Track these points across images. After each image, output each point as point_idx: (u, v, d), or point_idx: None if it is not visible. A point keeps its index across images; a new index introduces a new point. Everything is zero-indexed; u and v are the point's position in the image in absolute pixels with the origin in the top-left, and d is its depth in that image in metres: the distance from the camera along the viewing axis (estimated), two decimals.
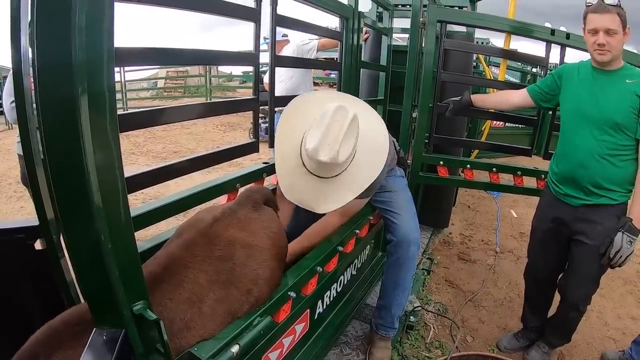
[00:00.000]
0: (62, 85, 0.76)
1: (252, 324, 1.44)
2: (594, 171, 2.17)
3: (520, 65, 8.49)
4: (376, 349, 2.48)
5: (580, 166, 2.21)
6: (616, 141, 2.12)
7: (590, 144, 2.16)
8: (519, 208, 5.50)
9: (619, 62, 2.16)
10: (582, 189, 2.23)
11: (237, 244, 1.56)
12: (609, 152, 2.13)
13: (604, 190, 2.18)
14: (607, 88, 2.15)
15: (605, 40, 2.05)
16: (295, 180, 1.84)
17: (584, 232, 2.26)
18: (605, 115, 2.12)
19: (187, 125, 10.44)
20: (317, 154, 1.67)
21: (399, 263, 2.31)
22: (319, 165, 1.71)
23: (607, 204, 2.19)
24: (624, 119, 2.09)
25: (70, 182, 0.83)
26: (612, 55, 2.08)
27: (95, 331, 0.97)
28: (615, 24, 2.02)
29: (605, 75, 2.17)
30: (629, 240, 2.10)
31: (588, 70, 2.24)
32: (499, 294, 3.44)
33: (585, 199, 2.23)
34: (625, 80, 2.11)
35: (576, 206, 2.27)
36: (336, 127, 1.69)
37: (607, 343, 2.91)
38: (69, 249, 0.94)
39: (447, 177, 3.26)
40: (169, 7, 1.64)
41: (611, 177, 2.16)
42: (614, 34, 2.04)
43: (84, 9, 0.74)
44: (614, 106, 2.11)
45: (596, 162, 2.16)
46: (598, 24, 2.05)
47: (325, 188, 1.81)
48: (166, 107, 1.73)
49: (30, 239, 1.64)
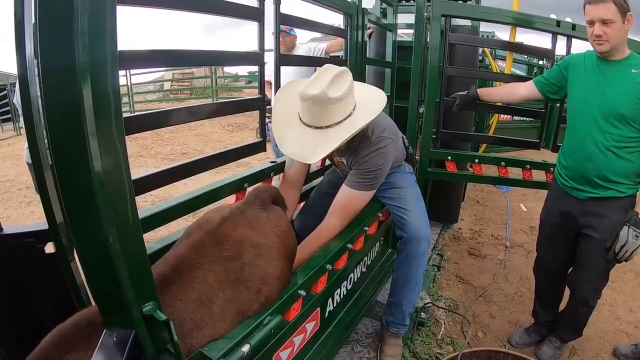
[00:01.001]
0: (66, 89, 0.77)
1: (263, 323, 1.44)
2: (600, 164, 2.14)
3: (527, 58, 8.42)
4: (387, 345, 2.48)
5: (586, 159, 2.18)
6: (622, 133, 2.08)
7: (596, 136, 2.13)
8: (529, 202, 5.46)
9: (624, 52, 2.11)
10: (588, 181, 2.20)
11: (245, 244, 1.56)
12: (615, 144, 2.10)
13: (611, 182, 2.15)
14: (612, 79, 2.11)
15: (601, 30, 2.01)
16: (290, 133, 1.91)
17: (591, 225, 2.24)
18: (611, 106, 2.08)
19: (194, 126, 10.47)
20: (307, 89, 1.77)
21: (409, 260, 2.30)
22: (311, 104, 1.79)
23: (614, 197, 2.16)
24: (629, 110, 2.04)
25: (77, 186, 0.84)
26: (611, 45, 2.04)
27: (106, 332, 0.97)
28: (610, 14, 1.97)
29: (610, 65, 2.13)
30: (635, 235, 2.07)
31: (593, 61, 2.20)
32: (509, 289, 3.42)
33: (592, 191, 2.20)
34: (631, 70, 2.06)
35: (583, 199, 2.25)
36: (326, 74, 1.82)
37: (619, 337, 2.88)
38: (78, 252, 0.94)
39: (456, 172, 3.25)
40: (171, 8, 1.64)
41: (618, 169, 2.12)
42: (610, 24, 1.99)
43: (86, 12, 0.74)
44: (619, 97, 2.07)
45: (602, 154, 2.13)
46: (593, 14, 2.02)
47: (317, 139, 1.84)
48: (172, 108, 1.73)
49: (40, 242, 1.66)
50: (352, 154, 2.12)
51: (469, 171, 3.36)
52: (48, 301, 1.72)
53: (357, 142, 2.08)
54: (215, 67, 13.72)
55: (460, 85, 3.06)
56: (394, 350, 2.48)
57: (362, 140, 2.08)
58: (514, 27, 2.98)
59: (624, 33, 2.04)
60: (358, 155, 2.09)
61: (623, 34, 2.04)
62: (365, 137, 2.07)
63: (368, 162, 2.07)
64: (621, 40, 2.06)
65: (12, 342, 1.70)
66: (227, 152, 2.08)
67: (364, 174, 2.09)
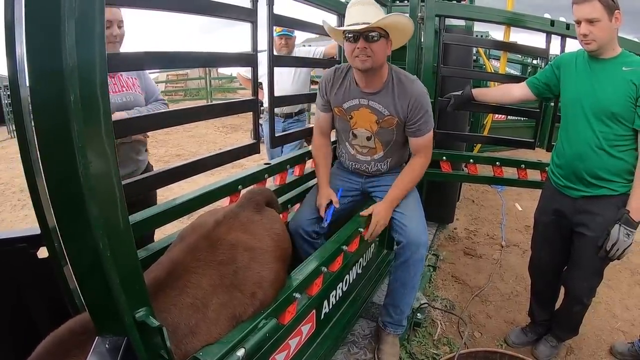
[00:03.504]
0: (54, 92, 0.75)
1: (258, 326, 1.43)
2: (591, 162, 2.14)
3: (521, 58, 8.45)
4: (385, 345, 2.47)
5: (578, 157, 2.19)
6: (614, 132, 2.08)
7: (588, 135, 2.14)
8: (524, 201, 5.48)
9: (614, 50, 2.10)
10: (581, 180, 2.21)
11: (240, 247, 1.56)
12: (607, 142, 2.10)
13: (603, 180, 2.15)
14: (603, 77, 2.10)
15: (587, 30, 2.01)
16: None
17: (584, 223, 2.24)
18: (602, 105, 2.08)
19: (189, 127, 10.44)
20: None
21: (408, 265, 2.30)
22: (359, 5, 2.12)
23: (607, 195, 2.16)
24: (620, 108, 2.04)
25: (66, 191, 0.82)
26: (598, 44, 2.04)
27: (98, 339, 0.96)
28: (596, 13, 1.96)
29: (600, 64, 2.12)
30: (626, 233, 2.07)
31: (585, 60, 2.20)
32: (506, 289, 3.42)
33: (585, 190, 2.21)
34: (621, 68, 2.06)
35: (576, 198, 2.25)
36: None
37: (616, 335, 2.89)
38: (69, 258, 0.93)
39: (451, 172, 3.25)
40: (164, 10, 1.63)
41: (610, 167, 2.12)
42: (597, 22, 1.98)
43: (74, 15, 0.73)
44: (610, 96, 2.07)
45: (594, 153, 2.13)
46: (578, 14, 2.02)
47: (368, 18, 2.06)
48: (165, 110, 1.72)
49: (33, 247, 1.64)
50: (399, 98, 2.24)
51: (464, 171, 3.35)
52: (41, 306, 1.71)
53: (395, 84, 2.24)
54: (209, 68, 13.69)
55: (454, 85, 3.05)
56: (392, 350, 2.47)
57: (399, 81, 2.25)
58: (508, 26, 2.98)
59: (612, 31, 2.03)
60: (407, 95, 2.22)
61: (611, 33, 2.03)
62: (399, 77, 2.25)
63: (422, 102, 2.23)
64: (609, 38, 2.05)
65: (6, 347, 1.69)
66: (221, 155, 2.06)
67: (425, 117, 2.26)
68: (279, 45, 3.89)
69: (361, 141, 2.39)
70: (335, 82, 2.36)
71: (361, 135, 2.37)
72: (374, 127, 2.32)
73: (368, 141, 2.37)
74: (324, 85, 2.41)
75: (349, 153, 2.50)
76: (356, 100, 2.31)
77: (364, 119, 2.33)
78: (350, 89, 2.31)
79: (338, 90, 2.35)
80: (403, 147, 2.45)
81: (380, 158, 2.44)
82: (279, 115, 4.13)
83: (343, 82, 2.34)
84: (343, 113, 2.38)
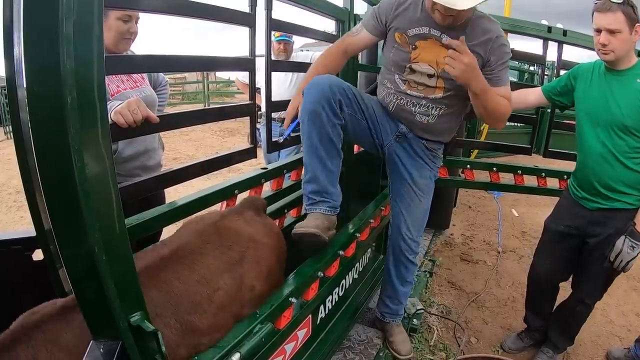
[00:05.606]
0: (51, 94, 0.75)
1: (253, 331, 1.43)
2: (607, 174, 2.14)
3: (518, 64, 8.48)
4: (394, 337, 2.51)
5: (593, 169, 2.18)
6: (628, 144, 2.07)
7: (602, 147, 2.13)
8: (520, 207, 5.49)
9: (630, 61, 2.08)
10: (597, 192, 2.20)
11: (245, 236, 1.63)
12: (621, 154, 2.09)
13: (618, 193, 2.14)
14: (616, 89, 2.09)
15: (607, 39, 1.99)
16: None
17: (597, 234, 2.24)
18: (614, 117, 2.07)
19: (186, 131, 10.41)
20: None
21: (400, 260, 2.33)
22: None
23: (622, 209, 2.16)
24: (633, 122, 2.03)
25: (62, 194, 0.82)
26: (616, 55, 2.02)
27: (92, 343, 0.95)
28: (618, 24, 1.94)
29: (615, 75, 2.11)
30: (630, 245, 2.07)
31: (601, 71, 2.18)
32: (502, 294, 3.42)
33: (601, 202, 2.20)
34: (636, 80, 2.04)
35: (592, 210, 2.25)
36: None
37: (612, 340, 2.90)
38: (64, 262, 0.92)
39: (447, 177, 3.25)
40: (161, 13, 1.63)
41: (624, 179, 2.11)
42: (617, 34, 1.96)
43: (72, 16, 0.72)
44: (622, 109, 2.05)
45: (609, 165, 2.12)
46: (600, 23, 1.99)
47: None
48: (162, 114, 1.72)
49: (28, 249, 1.64)
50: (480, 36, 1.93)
51: (461, 177, 3.36)
52: None
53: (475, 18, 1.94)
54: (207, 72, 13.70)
55: None
56: (401, 337, 2.52)
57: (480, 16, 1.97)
58: (506, 33, 2.99)
59: (631, 44, 2.02)
60: (488, 33, 1.94)
61: (629, 45, 2.02)
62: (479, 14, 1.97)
63: (504, 46, 1.97)
64: (627, 50, 2.04)
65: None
66: (217, 159, 2.05)
67: (506, 63, 2.00)
68: (277, 50, 3.90)
69: (419, 77, 2.01)
70: (401, 3, 1.99)
71: (422, 71, 2.00)
72: (441, 64, 1.89)
73: (430, 79, 2.00)
74: (386, 6, 2.02)
75: (397, 87, 2.09)
76: (426, 28, 1.94)
77: (431, 52, 1.97)
78: (421, 15, 1.94)
79: (404, 12, 1.98)
80: (463, 106, 2.11)
81: (436, 100, 2.03)
82: (276, 120, 4.13)
83: (413, 7, 1.97)
84: (405, 41, 2.00)
